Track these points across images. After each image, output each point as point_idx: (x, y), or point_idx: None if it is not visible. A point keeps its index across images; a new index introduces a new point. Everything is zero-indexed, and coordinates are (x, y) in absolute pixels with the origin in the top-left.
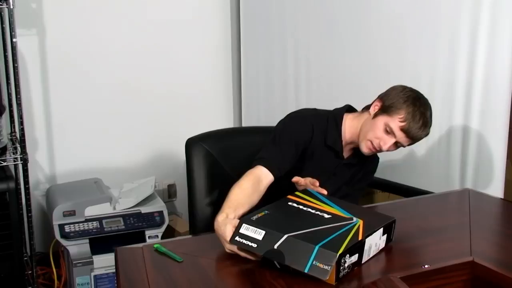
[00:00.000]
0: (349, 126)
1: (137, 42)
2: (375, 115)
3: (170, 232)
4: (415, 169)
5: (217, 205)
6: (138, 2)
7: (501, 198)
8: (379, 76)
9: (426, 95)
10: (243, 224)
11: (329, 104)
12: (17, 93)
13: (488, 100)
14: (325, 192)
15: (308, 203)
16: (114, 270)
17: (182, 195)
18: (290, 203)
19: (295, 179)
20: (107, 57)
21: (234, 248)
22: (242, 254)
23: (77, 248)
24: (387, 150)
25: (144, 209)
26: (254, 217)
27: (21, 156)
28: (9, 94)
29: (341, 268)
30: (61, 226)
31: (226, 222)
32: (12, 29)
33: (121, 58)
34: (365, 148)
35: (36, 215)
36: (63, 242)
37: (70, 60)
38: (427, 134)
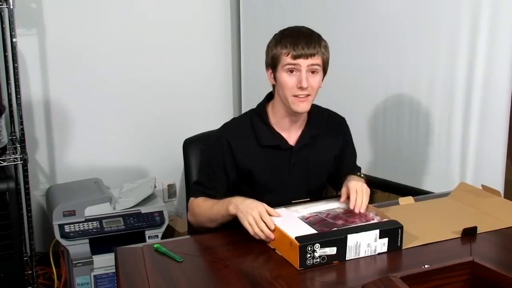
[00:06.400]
0: (274, 111)
1: (136, 42)
2: (275, 78)
3: (170, 232)
4: (415, 169)
5: None
6: (138, 2)
7: None
8: (378, 76)
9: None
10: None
11: (329, 104)
12: (17, 93)
13: (488, 100)
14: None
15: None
16: (114, 270)
17: (182, 195)
18: None
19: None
20: (107, 57)
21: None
22: (261, 234)
23: (77, 248)
24: (315, 86)
25: (144, 209)
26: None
27: (21, 156)
28: (9, 94)
29: (308, 255)
30: (61, 226)
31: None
32: (12, 29)
33: (121, 58)
34: (296, 105)
35: (36, 215)
36: (63, 242)
37: (70, 60)
38: (321, 38)
